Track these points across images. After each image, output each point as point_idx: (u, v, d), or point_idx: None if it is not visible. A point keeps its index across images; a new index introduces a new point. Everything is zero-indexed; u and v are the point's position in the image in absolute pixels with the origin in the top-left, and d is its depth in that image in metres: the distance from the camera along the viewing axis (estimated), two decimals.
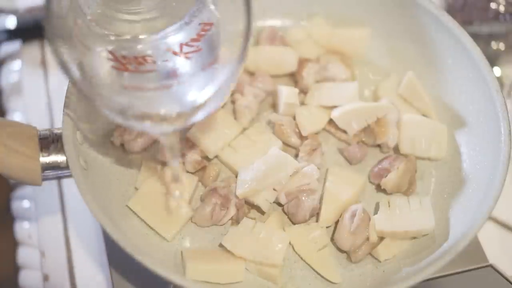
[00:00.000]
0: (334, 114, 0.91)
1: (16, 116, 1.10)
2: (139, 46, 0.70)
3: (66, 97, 0.82)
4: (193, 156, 0.87)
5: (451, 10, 1.12)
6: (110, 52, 0.69)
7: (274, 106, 0.95)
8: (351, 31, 1.00)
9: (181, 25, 0.71)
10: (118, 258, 0.88)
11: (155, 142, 0.90)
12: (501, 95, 0.87)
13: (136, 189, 0.86)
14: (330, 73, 0.96)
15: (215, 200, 0.84)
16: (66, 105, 0.81)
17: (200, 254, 0.82)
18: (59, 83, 1.11)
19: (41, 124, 1.05)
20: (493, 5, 1.10)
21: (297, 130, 0.91)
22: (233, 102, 0.93)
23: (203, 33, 0.71)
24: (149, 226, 0.84)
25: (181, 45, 0.70)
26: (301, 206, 0.84)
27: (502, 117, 0.85)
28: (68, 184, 1.02)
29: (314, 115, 0.92)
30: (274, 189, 0.84)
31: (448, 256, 0.76)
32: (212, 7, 0.72)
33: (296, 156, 0.90)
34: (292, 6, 1.02)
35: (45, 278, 0.95)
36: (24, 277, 0.98)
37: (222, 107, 0.92)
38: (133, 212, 0.84)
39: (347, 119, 0.91)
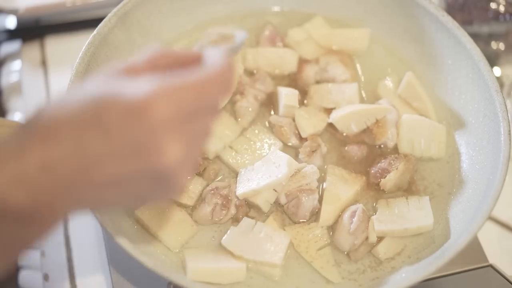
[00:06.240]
0: (333, 117, 0.91)
1: (16, 116, 1.10)
2: None
3: None
4: None
5: (451, 10, 1.12)
6: None
7: (274, 107, 0.95)
8: (351, 31, 1.01)
9: None
10: (118, 258, 0.88)
11: None
12: (501, 95, 0.87)
13: None
14: (330, 74, 0.96)
15: (215, 200, 0.84)
16: None
17: (201, 254, 0.82)
18: (59, 83, 1.11)
19: None
20: (493, 5, 1.10)
21: (296, 132, 0.91)
22: (233, 103, 0.93)
23: None
24: (155, 238, 0.83)
25: None
26: (301, 206, 0.84)
27: (502, 117, 0.85)
28: None
29: (314, 117, 0.92)
30: (274, 190, 0.84)
31: (448, 256, 0.76)
32: None
33: (296, 156, 0.90)
34: (292, 6, 1.02)
35: (45, 278, 0.95)
36: (24, 277, 0.98)
37: (223, 108, 0.92)
38: (140, 221, 0.84)
39: (346, 121, 0.91)
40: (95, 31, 0.88)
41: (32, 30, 1.16)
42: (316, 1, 1.02)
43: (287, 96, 0.91)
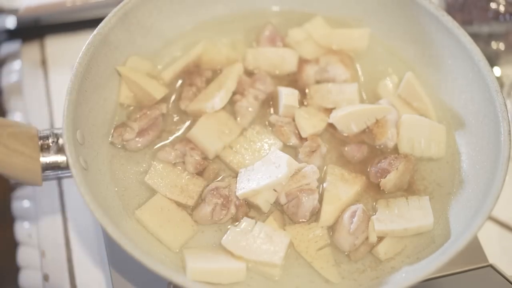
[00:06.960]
0: (333, 117, 0.91)
1: (16, 116, 1.10)
2: None
3: (66, 97, 0.82)
4: (194, 157, 0.87)
5: (451, 10, 1.13)
6: None
7: (274, 107, 0.95)
8: (351, 31, 1.01)
9: None
10: (118, 258, 0.88)
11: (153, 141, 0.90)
12: (501, 95, 0.87)
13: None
14: (330, 74, 0.96)
15: (216, 200, 0.84)
16: (66, 105, 0.81)
17: (201, 254, 0.82)
18: (59, 83, 1.11)
19: (41, 124, 1.06)
20: (493, 5, 1.10)
21: (296, 132, 0.91)
22: (233, 103, 0.93)
23: None
24: (155, 238, 0.84)
25: None
26: (301, 206, 0.84)
27: (502, 117, 0.85)
28: (68, 184, 1.02)
29: (314, 117, 0.92)
30: (274, 190, 0.84)
31: (448, 256, 0.76)
32: None
33: (296, 156, 0.90)
34: (292, 6, 1.03)
35: (45, 278, 0.95)
36: (24, 277, 0.98)
37: (223, 108, 0.92)
38: (140, 221, 0.84)
39: (346, 121, 0.91)
40: (95, 31, 0.88)
41: (32, 30, 1.16)
42: (316, 1, 1.02)
43: (287, 96, 0.91)
